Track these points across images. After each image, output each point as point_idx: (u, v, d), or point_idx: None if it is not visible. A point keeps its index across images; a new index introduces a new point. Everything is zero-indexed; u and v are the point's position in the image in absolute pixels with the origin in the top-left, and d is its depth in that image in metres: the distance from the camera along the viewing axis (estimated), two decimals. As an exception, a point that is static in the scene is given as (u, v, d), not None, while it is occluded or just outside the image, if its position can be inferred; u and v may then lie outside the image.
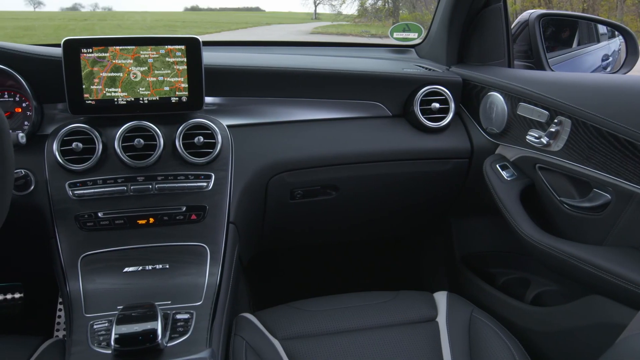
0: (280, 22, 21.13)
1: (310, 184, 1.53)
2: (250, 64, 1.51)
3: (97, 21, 20.27)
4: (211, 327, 1.13)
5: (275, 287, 2.07)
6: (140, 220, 1.29)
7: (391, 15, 15.50)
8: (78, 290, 1.19)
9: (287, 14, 29.45)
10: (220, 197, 1.34)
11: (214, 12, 28.00)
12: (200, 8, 27.39)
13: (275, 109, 1.52)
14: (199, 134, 1.33)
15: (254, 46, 2.06)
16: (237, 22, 20.23)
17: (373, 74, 1.58)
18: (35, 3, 25.50)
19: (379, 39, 12.51)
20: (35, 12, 24.36)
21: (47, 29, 15.13)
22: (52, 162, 1.29)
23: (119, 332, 0.98)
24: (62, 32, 14.59)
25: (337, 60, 1.82)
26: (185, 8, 29.52)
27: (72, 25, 17.14)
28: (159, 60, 1.32)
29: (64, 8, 27.90)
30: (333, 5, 20.50)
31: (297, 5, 44.98)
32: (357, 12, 17.69)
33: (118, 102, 1.32)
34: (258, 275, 1.91)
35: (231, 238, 1.33)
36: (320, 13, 21.14)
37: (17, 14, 22.82)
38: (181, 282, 1.23)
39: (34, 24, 16.58)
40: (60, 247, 1.25)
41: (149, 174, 1.31)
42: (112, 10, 26.21)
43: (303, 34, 15.66)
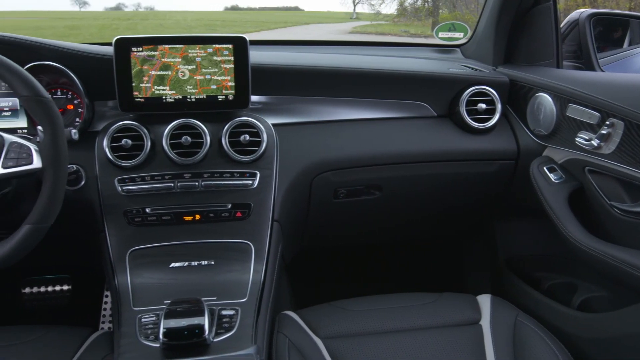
0: (318, 22, 21.18)
1: (354, 184, 1.53)
2: (296, 63, 1.52)
3: (139, 20, 20.64)
4: (256, 324, 1.13)
5: (316, 286, 2.07)
6: (187, 217, 1.31)
7: (431, 15, 15.39)
8: (126, 284, 1.21)
9: (325, 13, 29.52)
10: (265, 195, 1.35)
11: (254, 11, 28.26)
12: (240, 7, 27.67)
13: (320, 108, 1.53)
14: (245, 132, 1.35)
15: (296, 45, 2.07)
16: (276, 21, 20.36)
17: (419, 73, 1.57)
18: (80, 3, 26.15)
19: (418, 38, 12.43)
20: (81, 11, 25.00)
21: (91, 28, 15.50)
22: (102, 158, 1.32)
23: (167, 326, 1.00)
24: (106, 31, 14.92)
25: (382, 59, 1.81)
26: (226, 7, 29.86)
27: (116, 24, 17.52)
28: (206, 59, 1.34)
29: (108, 8, 28.53)
30: (372, 5, 20.46)
31: (336, 5, 45.05)
32: (396, 11, 17.63)
33: (166, 100, 1.34)
34: (299, 274, 1.92)
35: (275, 236, 1.34)
36: (359, 12, 21.13)
37: (64, 13, 23.45)
38: (226, 278, 1.24)
39: (79, 24, 17.01)
40: (109, 241, 1.28)
41: (195, 171, 1.33)
42: (154, 9, 26.74)
43: (342, 33, 15.67)
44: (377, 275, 2.23)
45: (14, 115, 1.40)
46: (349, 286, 2.05)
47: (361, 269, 2.25)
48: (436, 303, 1.35)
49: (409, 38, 13.67)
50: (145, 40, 1.31)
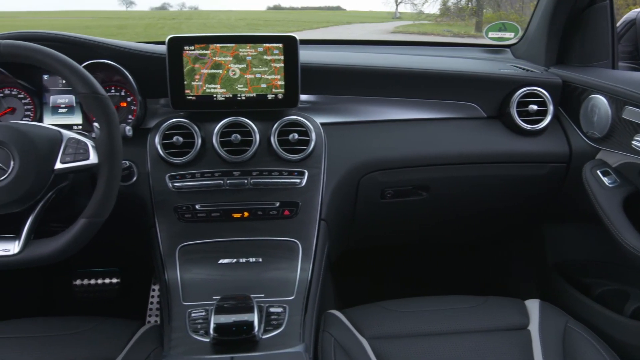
0: (361, 21, 21.11)
1: (401, 184, 1.52)
2: (346, 62, 1.52)
3: (184, 20, 20.96)
4: (304, 322, 1.14)
5: (360, 285, 2.07)
6: (235, 214, 1.33)
7: (474, 15, 15.16)
8: (176, 279, 1.23)
9: (368, 13, 29.41)
10: (312, 194, 1.35)
11: (296, 11, 28.35)
12: (282, 7, 27.81)
13: (369, 107, 1.52)
14: (294, 131, 1.35)
15: (342, 45, 2.06)
16: (318, 21, 20.38)
17: (470, 74, 1.55)
18: (127, 3, 26.72)
19: (462, 38, 12.26)
20: (127, 11, 25.54)
21: (138, 27, 15.80)
22: (154, 154, 1.34)
23: (217, 321, 1.01)
24: (152, 30, 15.21)
25: (430, 59, 1.79)
26: (268, 7, 30.07)
27: (161, 23, 17.82)
28: (257, 58, 1.35)
29: (154, 7, 29.06)
30: (415, 4, 20.27)
31: (378, 4, 44.81)
32: (439, 11, 17.43)
33: (217, 98, 1.36)
34: (342, 273, 1.92)
35: (322, 235, 1.34)
36: (402, 12, 20.98)
37: (111, 13, 24.01)
38: (273, 276, 1.25)
39: (126, 23, 17.37)
40: (159, 236, 1.30)
41: (244, 169, 1.35)
42: (198, 9, 27.07)
43: (384, 33, 15.60)
44: (421, 276, 2.21)
45: (70, 112, 1.44)
46: (392, 286, 2.04)
47: (404, 270, 2.24)
48: (483, 306, 1.33)
49: (452, 38, 13.51)
50: (197, 39, 1.33)
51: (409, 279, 2.19)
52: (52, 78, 1.44)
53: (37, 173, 1.04)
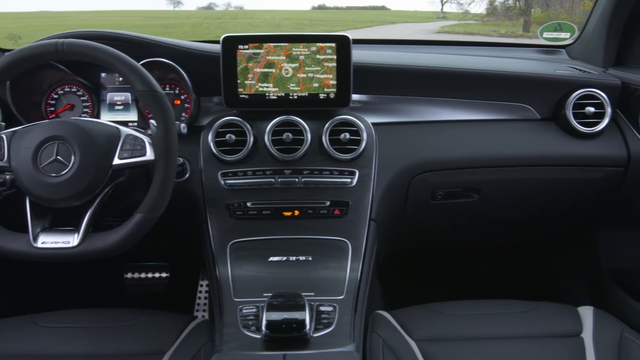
0: (405, 21, 20.96)
1: (452, 186, 1.50)
2: (398, 62, 1.51)
3: (229, 19, 21.21)
4: (353, 322, 1.14)
5: (407, 287, 2.06)
6: (286, 212, 1.34)
7: (522, 14, 14.86)
8: (227, 275, 1.25)
9: (412, 12, 29.20)
10: (363, 193, 1.35)
11: (341, 10, 28.37)
12: (327, 7, 27.88)
13: (420, 108, 1.51)
14: (345, 131, 1.35)
15: (389, 44, 2.05)
16: (362, 20, 20.34)
17: (524, 74, 1.52)
18: (174, 2, 27.24)
19: (510, 38, 12.04)
20: (175, 10, 26.01)
21: (184, 27, 16.07)
22: (207, 152, 1.36)
23: (269, 318, 1.02)
24: (198, 30, 15.45)
25: (482, 60, 1.76)
26: (313, 7, 30.16)
27: (207, 23, 18.09)
28: (309, 57, 1.35)
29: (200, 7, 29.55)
30: (460, 4, 20.02)
31: (423, 4, 44.37)
32: (486, 10, 17.17)
33: (269, 97, 1.37)
34: (389, 274, 1.91)
35: (372, 235, 1.34)
36: (447, 12, 20.75)
37: (159, 12, 24.48)
38: (323, 275, 1.25)
39: (173, 22, 17.69)
40: (211, 233, 1.32)
41: (295, 167, 1.35)
42: (244, 9, 27.40)
43: (429, 32, 15.44)
44: (469, 279, 2.18)
45: (126, 109, 1.47)
46: (439, 288, 2.02)
47: (452, 272, 2.21)
48: (534, 312, 1.31)
49: (500, 38, 13.27)
50: (251, 39, 1.35)
51: (456, 281, 2.16)
52: (109, 76, 1.47)
53: (97, 168, 1.07)
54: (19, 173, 1.07)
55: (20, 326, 1.22)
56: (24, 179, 1.06)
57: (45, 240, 1.07)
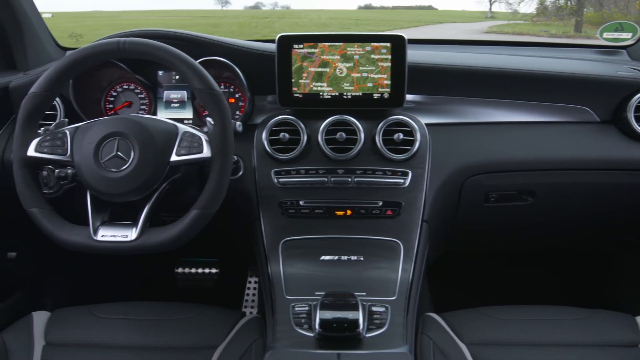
0: (452, 21, 20.69)
1: (506, 188, 1.48)
2: (452, 62, 1.49)
3: (276, 19, 21.34)
4: (406, 323, 1.13)
5: (456, 289, 2.03)
6: (338, 212, 1.34)
7: (574, 14, 14.48)
8: (279, 273, 1.25)
9: (460, 12, 28.81)
10: (415, 194, 1.34)
11: (387, 10, 28.23)
12: (373, 6, 27.80)
13: (475, 109, 1.49)
14: (399, 131, 1.34)
15: (440, 45, 2.02)
16: (409, 20, 20.17)
17: (584, 76, 1.48)
18: (222, 2, 27.58)
19: (560, 38, 11.76)
20: (222, 10, 26.34)
21: (232, 26, 16.24)
22: (261, 150, 1.37)
23: (322, 317, 1.02)
24: (245, 29, 15.60)
25: (538, 60, 1.72)
26: (359, 6, 30.14)
27: (254, 22, 18.25)
28: (364, 57, 1.35)
29: (247, 6, 29.90)
30: (509, 3, 19.58)
31: (471, 4, 43.68)
32: (536, 10, 16.79)
33: (323, 96, 1.37)
34: (438, 276, 1.89)
35: (424, 236, 1.33)
36: (495, 12, 20.39)
37: (207, 12, 24.86)
38: (375, 275, 1.25)
39: (220, 22, 17.91)
40: (264, 230, 1.33)
41: (348, 167, 1.35)
42: (290, 8, 27.55)
43: (477, 32, 15.21)
44: (521, 283, 2.13)
45: (182, 107, 1.50)
46: (489, 292, 1.99)
47: (503, 276, 2.17)
48: (589, 320, 1.27)
49: (550, 38, 12.97)
50: (306, 38, 1.35)
51: (507, 285, 2.12)
52: (166, 74, 1.50)
53: (155, 164, 1.09)
54: (81, 168, 1.10)
55: (77, 316, 1.26)
56: (85, 174, 1.09)
57: (105, 234, 1.09)
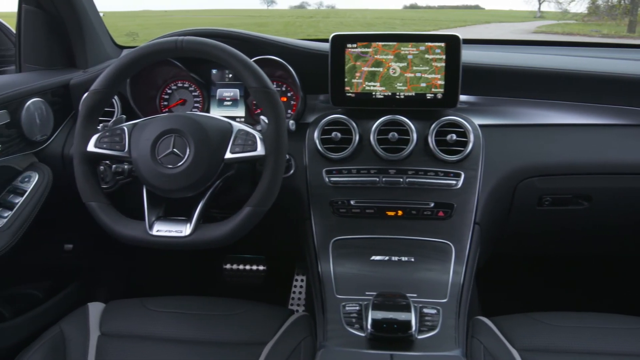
0: (499, 21, 20.39)
1: (561, 192, 1.44)
2: (507, 63, 1.46)
3: (321, 18, 21.43)
4: (457, 326, 1.12)
5: (505, 293, 2.00)
6: (389, 212, 1.33)
7: (627, 14, 14.05)
8: (329, 272, 1.26)
9: (507, 12, 28.37)
10: (468, 196, 1.33)
11: (432, 10, 27.99)
12: (419, 6, 27.62)
13: (529, 110, 1.45)
14: (452, 132, 1.33)
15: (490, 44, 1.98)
16: (455, 20, 19.98)
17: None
18: (268, 2, 27.88)
19: (613, 38, 11.43)
20: (268, 9, 26.63)
21: (277, 25, 16.39)
22: (312, 149, 1.38)
23: (375, 317, 1.02)
24: (291, 28, 15.72)
25: (591, 61, 1.67)
26: (404, 6, 29.97)
27: (300, 22, 18.37)
28: (418, 57, 1.34)
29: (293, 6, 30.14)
30: (559, 3, 19.16)
31: (519, 3, 42.86)
32: (587, 10, 16.38)
33: (375, 96, 1.37)
34: (487, 279, 1.86)
35: (475, 239, 1.31)
36: (544, 11, 20.01)
37: (253, 11, 25.15)
38: (425, 277, 1.24)
39: (266, 21, 18.10)
40: (314, 229, 1.34)
41: (400, 167, 1.34)
42: (335, 8, 27.61)
43: (525, 32, 14.95)
44: (572, 289, 2.08)
45: (234, 105, 1.52)
46: (539, 297, 1.94)
47: (554, 281, 2.12)
48: None
49: (602, 38, 12.63)
50: (359, 37, 1.35)
51: (557, 290, 2.07)
52: (219, 72, 1.52)
53: (210, 161, 1.11)
54: (138, 164, 1.12)
55: (131, 308, 1.29)
56: (142, 170, 1.12)
57: (160, 229, 1.12)
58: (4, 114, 1.33)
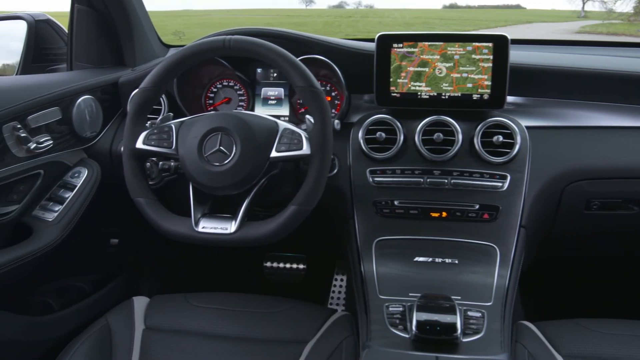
0: (542, 21, 20.01)
1: (610, 196, 1.41)
2: (555, 63, 1.44)
3: (360, 18, 21.39)
4: (503, 330, 1.10)
5: (549, 297, 1.96)
6: (433, 213, 1.32)
7: (676, 13, 13.65)
8: (372, 272, 1.25)
9: (549, 11, 27.84)
10: (514, 198, 1.31)
11: (472, 9, 27.64)
12: (458, 5, 27.30)
13: (577, 112, 1.42)
14: (498, 133, 1.31)
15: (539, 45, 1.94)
16: (495, 20, 19.70)
17: None
18: (307, 1, 27.95)
19: (661, 40, 11.10)
20: (307, 9, 26.69)
21: (316, 25, 16.43)
22: (356, 149, 1.38)
23: (419, 319, 1.01)
24: (329, 28, 15.73)
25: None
26: (444, 5, 29.68)
27: (338, 21, 18.37)
28: (464, 57, 1.33)
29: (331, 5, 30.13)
30: (604, 2, 18.69)
31: (561, 3, 41.93)
32: (634, 9, 15.94)
33: (421, 96, 1.36)
34: (530, 283, 1.82)
35: (521, 242, 1.29)
36: (588, 11, 19.55)
37: (292, 11, 25.25)
38: (469, 279, 1.22)
39: (305, 21, 18.16)
40: (357, 228, 1.33)
41: (444, 168, 1.33)
42: (374, 7, 27.51)
43: (568, 32, 14.64)
44: (620, 296, 2.02)
45: (279, 104, 1.52)
46: (584, 303, 1.90)
47: (601, 287, 2.07)
48: None
49: (649, 39, 12.27)
50: (406, 37, 1.34)
51: (605, 297, 2.02)
52: (264, 71, 1.53)
53: (255, 159, 1.12)
54: (185, 161, 1.14)
55: (174, 303, 1.31)
56: (189, 167, 1.13)
57: (205, 225, 1.13)
58: (56, 110, 1.37)
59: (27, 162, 1.30)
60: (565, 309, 1.41)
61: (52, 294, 1.53)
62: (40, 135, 1.33)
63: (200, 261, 2.11)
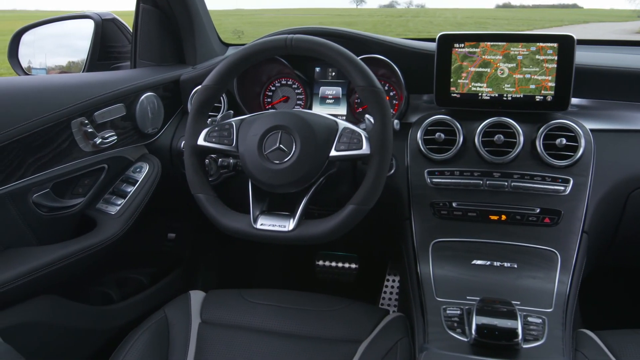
0: (599, 20, 19.43)
1: None
2: (620, 64, 1.39)
3: (410, 17, 21.24)
4: (564, 338, 1.07)
5: (609, 306, 1.90)
6: (492, 216, 1.30)
7: None
8: (429, 274, 1.24)
9: (608, 11, 27.00)
10: (576, 203, 1.27)
11: (527, 9, 27.07)
12: (512, 5, 26.82)
13: None
14: (561, 136, 1.28)
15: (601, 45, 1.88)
16: (550, 19, 19.25)
17: None
18: (358, 1, 27.91)
19: None
20: (357, 9, 26.67)
21: (366, 24, 16.39)
22: (414, 149, 1.36)
23: (479, 322, 0.99)
24: (380, 27, 15.69)
25: None
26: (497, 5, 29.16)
27: (388, 21, 18.29)
28: (528, 58, 1.30)
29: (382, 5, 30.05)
30: (667, 1, 17.95)
31: (621, 2, 40.49)
32: (700, 9, 15.26)
33: (482, 97, 1.34)
34: (589, 290, 1.77)
35: (583, 248, 1.26)
36: (652, 10, 18.83)
37: (343, 10, 25.30)
38: (529, 284, 1.20)
39: (355, 20, 18.16)
40: (414, 229, 1.32)
41: (504, 170, 1.31)
42: (425, 7, 27.25)
43: (627, 33, 14.17)
44: None
45: (336, 103, 1.53)
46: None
47: None
48: None
49: None
50: (467, 37, 1.33)
51: None
52: (322, 70, 1.54)
53: (315, 158, 1.12)
54: (245, 158, 1.15)
55: (229, 298, 1.33)
56: (249, 164, 1.14)
57: (264, 223, 1.14)
58: (120, 107, 1.41)
59: (93, 157, 1.35)
60: (627, 319, 1.36)
61: (112, 285, 1.58)
62: (105, 130, 1.37)
63: (253, 257, 2.13)
